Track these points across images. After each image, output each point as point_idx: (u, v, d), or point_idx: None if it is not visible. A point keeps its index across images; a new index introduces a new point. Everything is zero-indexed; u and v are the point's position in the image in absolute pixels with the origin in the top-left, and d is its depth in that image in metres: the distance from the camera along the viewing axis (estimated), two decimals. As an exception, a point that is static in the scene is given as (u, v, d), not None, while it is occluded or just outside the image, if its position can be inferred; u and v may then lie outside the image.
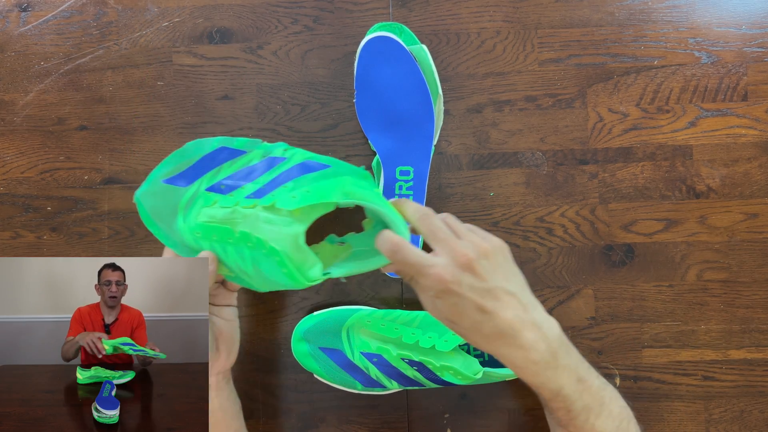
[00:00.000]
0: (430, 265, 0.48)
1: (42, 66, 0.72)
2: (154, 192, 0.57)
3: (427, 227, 0.50)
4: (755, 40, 0.69)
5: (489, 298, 0.48)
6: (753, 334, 0.70)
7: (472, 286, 0.47)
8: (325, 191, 0.50)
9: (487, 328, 0.48)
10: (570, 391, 0.50)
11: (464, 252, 0.48)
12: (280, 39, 0.71)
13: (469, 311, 0.48)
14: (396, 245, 0.49)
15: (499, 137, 0.70)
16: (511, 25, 0.70)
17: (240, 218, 0.51)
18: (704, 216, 0.70)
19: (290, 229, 0.50)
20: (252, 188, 0.53)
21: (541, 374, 0.49)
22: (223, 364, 0.59)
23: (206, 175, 0.56)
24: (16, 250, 0.72)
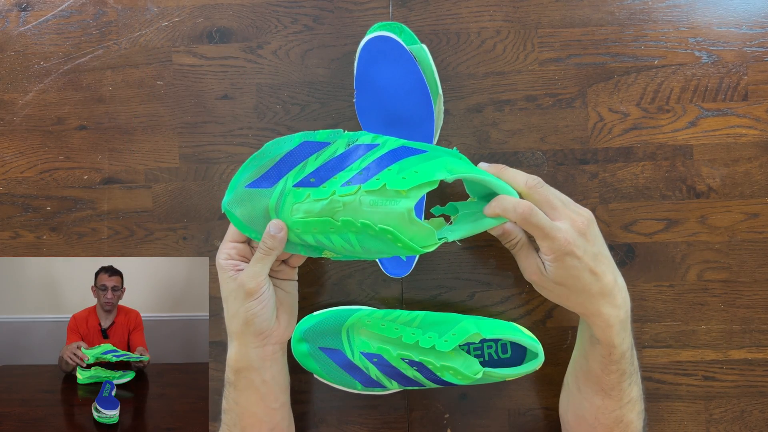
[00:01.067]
0: (558, 229, 0.53)
1: (41, 66, 0.72)
2: (240, 199, 0.57)
3: (543, 195, 0.55)
4: (755, 40, 0.69)
5: (597, 262, 0.55)
6: (753, 334, 0.69)
7: (586, 250, 0.54)
8: (433, 170, 0.53)
9: (595, 288, 0.55)
10: (629, 355, 0.58)
11: (581, 219, 0.55)
12: (279, 39, 0.71)
13: (584, 273, 0.55)
14: (530, 208, 0.53)
15: (500, 137, 0.70)
16: (511, 24, 0.70)
17: (340, 206, 0.53)
18: (705, 216, 0.70)
19: (399, 205, 0.52)
20: (347, 176, 0.54)
21: (621, 333, 0.57)
22: (282, 333, 0.60)
23: (291, 171, 0.56)
24: (16, 250, 0.72)
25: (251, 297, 0.57)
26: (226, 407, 0.62)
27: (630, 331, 0.59)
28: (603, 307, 0.56)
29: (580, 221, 0.55)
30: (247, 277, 0.56)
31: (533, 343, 0.65)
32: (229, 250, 0.59)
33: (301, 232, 0.55)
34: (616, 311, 0.56)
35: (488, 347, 0.68)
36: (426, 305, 0.70)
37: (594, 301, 0.56)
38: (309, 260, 0.71)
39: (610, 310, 0.56)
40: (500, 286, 0.70)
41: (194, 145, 0.71)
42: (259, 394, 0.60)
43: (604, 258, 0.56)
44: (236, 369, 0.59)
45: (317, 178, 0.55)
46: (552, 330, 0.70)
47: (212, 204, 0.71)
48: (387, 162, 0.54)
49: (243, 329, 0.58)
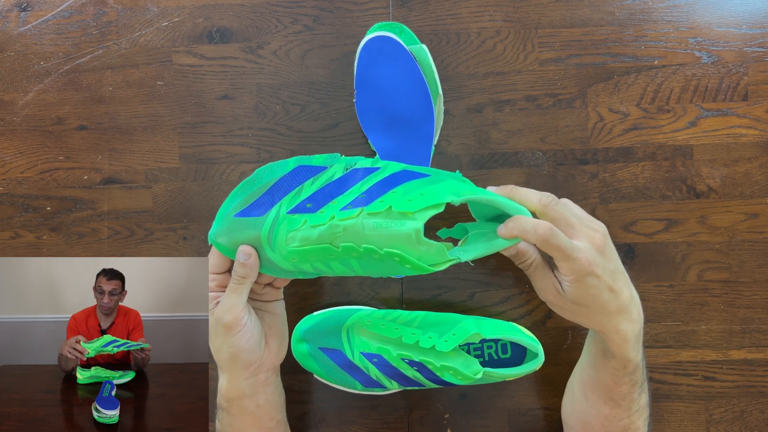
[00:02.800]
0: (579, 249, 0.51)
1: (41, 66, 0.72)
2: (228, 229, 0.54)
3: (559, 213, 0.53)
4: (756, 40, 0.69)
5: (615, 279, 0.54)
6: (753, 334, 0.69)
7: (605, 268, 0.53)
8: (440, 192, 0.51)
9: (613, 306, 0.54)
10: (642, 365, 0.58)
11: (598, 235, 0.53)
12: (279, 39, 0.71)
13: (603, 292, 0.53)
14: (550, 229, 0.51)
15: (500, 137, 0.70)
16: (511, 24, 0.70)
17: (340, 231, 0.50)
18: (705, 216, 0.70)
19: (406, 227, 0.49)
20: (346, 199, 0.51)
21: (636, 346, 0.56)
22: (274, 359, 0.59)
23: (285, 198, 0.53)
24: (16, 250, 0.72)
25: (232, 331, 0.54)
26: (220, 429, 0.61)
27: (642, 343, 0.58)
28: (620, 323, 0.55)
29: (598, 238, 0.53)
30: (222, 310, 0.54)
31: (533, 343, 0.65)
32: (210, 282, 0.56)
33: (298, 262, 0.52)
34: (633, 326, 0.55)
35: (488, 347, 0.68)
36: (426, 305, 0.70)
37: (612, 318, 0.54)
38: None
39: (627, 326, 0.55)
40: (500, 286, 0.70)
41: (194, 145, 0.71)
42: (254, 417, 0.59)
43: (621, 273, 0.55)
44: (228, 398, 0.57)
45: (314, 203, 0.52)
46: (552, 330, 0.70)
47: (212, 204, 0.71)
48: (390, 185, 0.51)
49: (230, 364, 0.56)
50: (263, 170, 0.55)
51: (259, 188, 0.54)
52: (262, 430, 0.60)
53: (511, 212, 0.53)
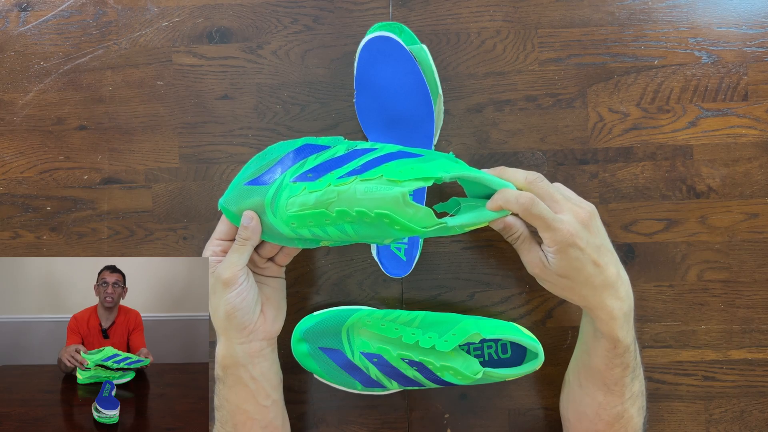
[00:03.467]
0: (560, 220, 0.54)
1: (41, 66, 0.72)
2: (237, 195, 0.59)
3: (544, 189, 0.56)
4: (756, 40, 0.69)
5: (600, 254, 0.55)
6: (753, 334, 0.69)
7: (589, 242, 0.55)
8: (431, 169, 0.54)
9: (598, 281, 0.55)
10: (633, 348, 0.59)
11: (583, 211, 0.55)
12: (279, 39, 0.71)
13: (587, 265, 0.55)
14: (531, 199, 0.53)
15: (500, 137, 0.70)
16: (511, 24, 0.70)
17: (334, 197, 0.54)
18: (705, 216, 0.70)
19: (394, 190, 0.53)
20: (344, 170, 0.55)
21: (625, 326, 0.57)
22: (269, 329, 0.61)
23: (291, 168, 0.58)
24: (16, 250, 0.72)
25: (228, 288, 0.57)
26: (218, 404, 0.62)
27: (633, 325, 0.59)
28: (606, 299, 0.56)
29: (583, 213, 0.55)
30: (222, 267, 0.57)
31: (533, 343, 0.65)
32: (215, 247, 0.60)
33: (297, 227, 0.56)
34: (620, 303, 0.57)
35: (488, 347, 0.68)
36: (426, 305, 0.70)
37: (597, 293, 0.56)
38: (309, 260, 0.71)
39: (614, 302, 0.56)
40: (500, 286, 0.70)
41: (194, 145, 0.71)
42: (249, 391, 0.60)
43: (607, 250, 0.57)
44: (224, 365, 0.60)
45: (315, 173, 0.56)
46: (552, 330, 0.70)
47: (212, 204, 0.71)
48: (385, 160, 0.55)
49: (225, 324, 0.58)
50: (274, 146, 0.60)
51: (269, 161, 0.59)
52: (257, 407, 0.61)
53: (497, 188, 0.56)
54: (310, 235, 0.57)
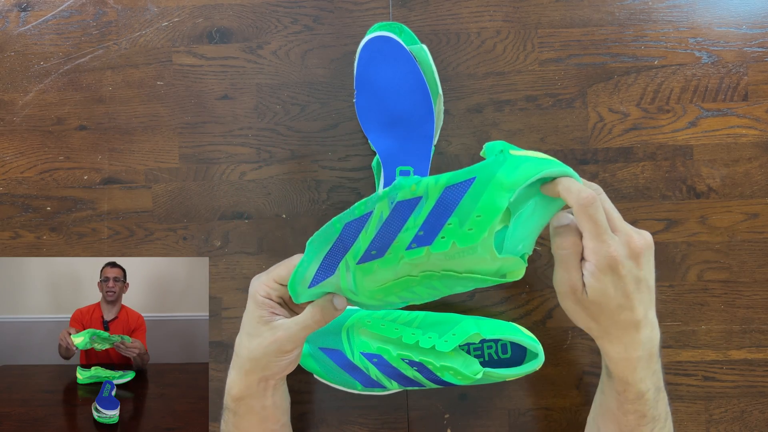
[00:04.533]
0: (612, 236, 0.49)
1: (41, 66, 0.72)
2: (310, 296, 0.54)
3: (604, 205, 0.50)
4: (756, 40, 0.69)
5: (636, 288, 0.50)
6: (753, 334, 0.69)
7: (631, 272, 0.49)
8: (494, 205, 0.47)
9: (623, 316, 0.50)
10: (650, 397, 0.53)
11: (638, 241, 0.50)
12: (279, 39, 0.71)
13: (618, 295, 0.49)
14: (595, 199, 0.47)
15: (500, 137, 0.70)
16: (511, 24, 0.70)
17: (414, 267, 0.50)
18: (705, 216, 0.69)
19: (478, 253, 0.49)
20: (407, 238, 0.50)
21: (638, 371, 0.52)
22: (290, 369, 0.58)
23: (348, 255, 0.52)
24: (16, 250, 0.72)
25: (283, 355, 0.54)
26: (225, 429, 0.60)
27: (656, 373, 0.53)
28: (624, 336, 0.51)
29: (637, 242, 0.49)
30: (287, 339, 0.53)
31: (533, 343, 0.65)
32: (270, 289, 0.54)
33: (383, 297, 0.53)
34: (636, 346, 0.51)
35: (488, 347, 0.68)
36: (426, 305, 0.70)
37: (617, 327, 0.51)
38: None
39: (630, 343, 0.51)
40: (500, 286, 0.70)
41: (194, 145, 0.71)
42: (260, 417, 0.58)
43: (646, 287, 0.51)
44: (237, 398, 0.57)
45: (378, 249, 0.51)
46: (552, 330, 0.70)
47: (212, 204, 0.71)
48: (443, 216, 0.49)
49: (253, 368, 0.55)
50: (312, 242, 0.53)
51: (317, 258, 0.52)
52: None
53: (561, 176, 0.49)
54: (399, 299, 0.53)
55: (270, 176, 0.71)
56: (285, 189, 0.71)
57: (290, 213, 0.71)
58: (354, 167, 0.71)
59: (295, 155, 0.71)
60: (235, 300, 0.71)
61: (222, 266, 0.71)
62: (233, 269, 0.71)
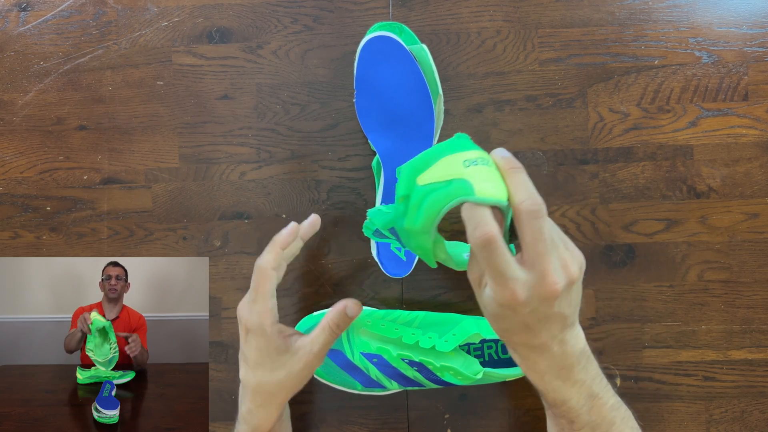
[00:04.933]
0: (513, 279, 0.42)
1: (41, 66, 0.72)
2: None
3: (534, 231, 0.42)
4: (756, 40, 0.69)
5: (540, 323, 0.44)
6: (754, 334, 0.69)
7: (536, 310, 0.44)
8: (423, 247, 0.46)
9: (520, 338, 0.46)
10: (576, 405, 0.49)
11: (554, 283, 0.42)
12: (279, 38, 0.71)
13: (514, 324, 0.45)
14: (490, 239, 0.41)
15: (500, 137, 0.70)
16: (511, 24, 0.70)
17: None
18: (705, 216, 0.69)
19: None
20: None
21: (547, 381, 0.48)
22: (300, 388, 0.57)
23: None
24: (16, 250, 0.72)
25: (312, 372, 0.52)
26: None
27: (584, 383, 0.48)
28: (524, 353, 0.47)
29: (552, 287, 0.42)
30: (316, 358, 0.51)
31: (533, 343, 0.65)
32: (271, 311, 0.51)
33: None
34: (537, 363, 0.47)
35: (488, 347, 0.68)
36: (426, 305, 0.70)
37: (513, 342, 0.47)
38: (309, 260, 0.71)
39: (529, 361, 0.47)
40: (500, 287, 0.70)
41: (194, 145, 0.71)
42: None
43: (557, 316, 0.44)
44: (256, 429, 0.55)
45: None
46: (552, 330, 0.70)
47: (212, 204, 0.71)
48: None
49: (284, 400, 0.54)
50: None
51: None
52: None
53: None
54: None
55: (270, 176, 0.71)
56: (285, 189, 0.71)
57: (290, 213, 0.71)
58: (354, 167, 0.71)
59: (295, 155, 0.71)
60: (235, 300, 0.71)
61: (222, 266, 0.71)
62: (233, 269, 0.71)
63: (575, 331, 0.47)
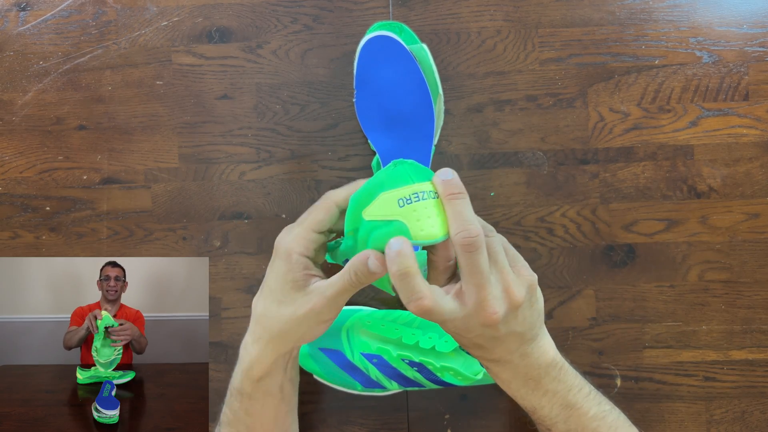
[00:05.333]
0: (449, 313, 0.43)
1: (41, 65, 0.72)
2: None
3: (470, 263, 0.42)
4: (756, 40, 0.69)
5: (491, 342, 0.45)
6: (754, 334, 0.69)
7: (483, 334, 0.44)
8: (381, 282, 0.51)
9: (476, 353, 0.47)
10: (549, 413, 0.49)
11: (493, 312, 0.43)
12: (279, 38, 0.71)
13: (466, 342, 0.46)
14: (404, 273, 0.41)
15: (500, 137, 0.70)
16: (511, 24, 0.70)
17: None
18: (705, 216, 0.69)
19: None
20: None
21: (515, 389, 0.49)
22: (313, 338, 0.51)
23: None
24: (15, 250, 0.72)
25: (320, 325, 0.48)
26: (231, 419, 0.53)
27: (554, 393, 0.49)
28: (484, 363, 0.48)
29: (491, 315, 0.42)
30: (325, 307, 0.46)
31: (533, 343, 0.65)
32: (309, 242, 0.47)
33: None
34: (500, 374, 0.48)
35: (488, 348, 0.68)
36: (426, 305, 0.70)
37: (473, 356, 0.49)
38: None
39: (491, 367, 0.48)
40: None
41: (194, 145, 0.71)
42: (277, 400, 0.52)
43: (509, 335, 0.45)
44: (257, 377, 0.50)
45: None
46: (552, 330, 0.70)
47: (212, 204, 0.71)
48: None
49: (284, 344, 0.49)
50: None
51: None
52: (280, 416, 0.53)
53: None
54: None
55: (270, 176, 0.71)
56: (285, 189, 0.71)
57: (290, 213, 0.71)
58: (354, 167, 0.71)
59: (295, 155, 0.71)
60: (235, 300, 0.71)
61: (222, 266, 0.71)
62: (233, 269, 0.71)
63: (540, 343, 0.47)
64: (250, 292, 0.71)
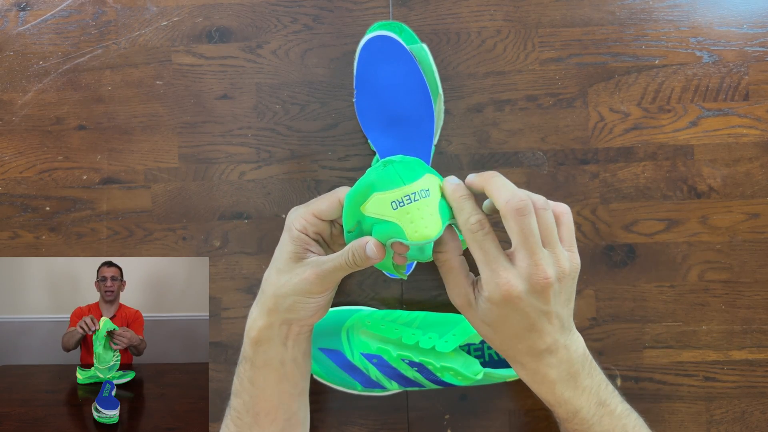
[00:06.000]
0: (506, 269, 0.44)
1: (40, 65, 0.72)
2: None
3: (523, 227, 0.44)
4: (757, 40, 0.69)
5: (542, 320, 0.46)
6: (754, 334, 0.69)
7: (534, 305, 0.45)
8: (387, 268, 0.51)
9: (526, 344, 0.47)
10: (588, 414, 0.49)
11: (545, 275, 0.44)
12: (279, 38, 0.71)
13: (517, 326, 0.46)
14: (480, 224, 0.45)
15: (500, 137, 0.70)
16: (511, 24, 0.70)
17: None
18: (705, 216, 0.69)
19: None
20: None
21: (559, 392, 0.48)
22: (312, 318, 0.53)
23: None
24: (15, 250, 0.72)
25: (311, 296, 0.50)
26: (239, 389, 0.54)
27: (592, 389, 0.49)
28: (529, 363, 0.48)
29: (544, 279, 0.44)
30: (317, 279, 0.49)
31: (533, 343, 0.65)
32: (307, 223, 0.50)
33: None
34: (545, 371, 0.48)
35: (489, 348, 0.68)
36: (426, 305, 0.70)
37: (520, 354, 0.48)
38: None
39: (537, 367, 0.48)
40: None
41: (193, 145, 0.71)
42: (279, 375, 0.53)
43: (555, 317, 0.46)
44: (257, 340, 0.52)
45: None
46: (552, 330, 0.70)
47: (212, 204, 0.71)
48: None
49: (278, 311, 0.51)
50: None
51: None
52: (284, 396, 0.55)
53: None
54: None
55: (270, 176, 0.71)
56: (285, 189, 0.71)
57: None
58: (354, 167, 0.71)
59: (295, 155, 0.71)
60: (235, 300, 0.71)
61: (221, 266, 0.71)
62: (233, 269, 0.71)
63: (574, 336, 0.49)
64: (250, 292, 0.71)
